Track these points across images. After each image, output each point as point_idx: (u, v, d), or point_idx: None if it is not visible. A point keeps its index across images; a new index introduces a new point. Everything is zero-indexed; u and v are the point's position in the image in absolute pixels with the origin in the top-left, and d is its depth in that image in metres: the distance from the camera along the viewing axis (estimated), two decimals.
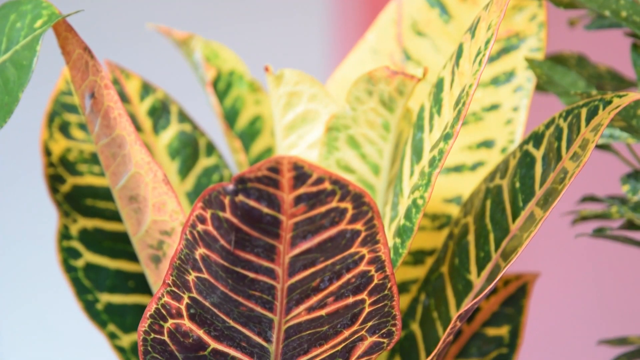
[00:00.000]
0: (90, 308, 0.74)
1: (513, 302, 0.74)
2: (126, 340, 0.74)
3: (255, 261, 0.51)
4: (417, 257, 0.76)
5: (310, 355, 0.56)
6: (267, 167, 0.47)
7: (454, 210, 0.75)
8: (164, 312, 0.55)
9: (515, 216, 0.63)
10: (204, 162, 0.78)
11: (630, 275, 1.46)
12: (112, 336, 0.74)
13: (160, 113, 0.78)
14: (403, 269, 0.76)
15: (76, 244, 0.74)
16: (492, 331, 0.74)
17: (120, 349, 0.74)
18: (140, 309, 0.75)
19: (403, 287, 0.76)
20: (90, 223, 0.75)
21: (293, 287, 0.52)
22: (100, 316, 0.74)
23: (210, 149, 0.79)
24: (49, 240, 0.82)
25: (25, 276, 1.83)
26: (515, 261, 0.60)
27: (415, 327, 0.71)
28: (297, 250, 0.51)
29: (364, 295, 0.55)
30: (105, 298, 0.74)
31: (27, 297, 1.87)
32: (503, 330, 0.73)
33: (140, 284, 0.75)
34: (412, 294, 0.74)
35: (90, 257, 0.75)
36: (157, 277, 0.67)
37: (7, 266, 1.82)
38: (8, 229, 1.80)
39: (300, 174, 0.48)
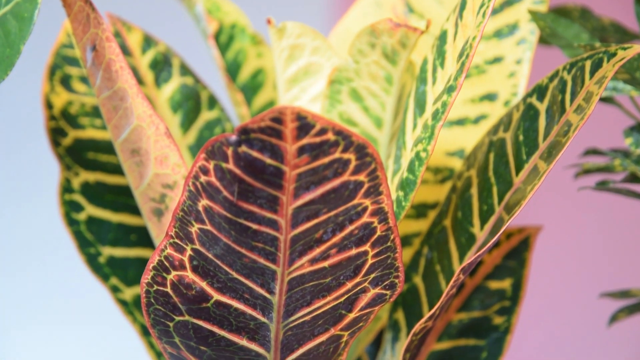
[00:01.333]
0: (92, 261, 0.74)
1: (516, 255, 0.74)
2: (129, 293, 0.74)
3: (258, 212, 0.51)
4: (420, 210, 0.76)
5: (313, 307, 0.56)
6: (270, 117, 0.47)
7: (457, 164, 0.75)
8: (167, 264, 0.55)
9: (518, 169, 0.63)
10: (206, 116, 0.78)
11: (633, 228, 1.46)
12: (114, 289, 0.74)
13: (162, 66, 0.77)
14: (406, 222, 0.76)
15: (78, 198, 0.74)
16: (494, 284, 0.74)
17: (122, 302, 0.74)
18: (142, 262, 0.75)
19: (406, 241, 0.76)
20: (92, 176, 0.75)
21: (296, 238, 0.52)
22: (102, 269, 0.74)
23: (213, 102, 0.78)
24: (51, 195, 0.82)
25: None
26: (518, 214, 0.60)
27: (417, 280, 0.71)
28: (300, 202, 0.50)
29: (367, 247, 0.54)
30: (108, 251, 0.74)
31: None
32: (506, 284, 0.74)
33: (142, 238, 0.75)
34: (414, 247, 0.74)
35: (92, 210, 0.75)
36: (160, 231, 0.67)
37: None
38: (9, 183, 1.80)
39: (304, 124, 0.47)
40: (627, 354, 1.41)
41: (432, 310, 0.61)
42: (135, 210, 0.75)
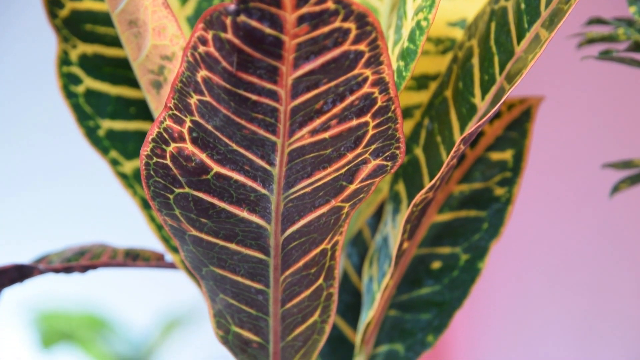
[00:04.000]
0: (91, 134, 0.74)
1: (517, 126, 0.74)
2: (128, 166, 0.74)
3: (258, 83, 0.50)
4: (421, 82, 0.76)
5: (313, 179, 0.56)
6: None
7: (458, 34, 0.74)
8: (166, 136, 0.55)
9: (520, 38, 0.62)
10: None
11: (637, 98, 1.46)
12: (114, 162, 0.74)
13: None
14: (407, 94, 0.75)
15: (76, 70, 0.74)
16: (496, 155, 0.73)
17: (122, 176, 0.74)
18: (142, 135, 0.74)
19: (407, 112, 0.75)
20: (90, 49, 0.74)
21: (296, 109, 0.52)
22: (102, 142, 0.74)
23: None
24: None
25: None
26: (520, 85, 0.60)
27: (418, 151, 0.71)
28: (300, 72, 0.50)
29: (367, 118, 0.54)
30: (107, 124, 0.74)
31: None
32: (507, 155, 0.73)
33: (141, 111, 0.75)
34: (415, 118, 0.74)
35: (90, 83, 0.74)
36: (159, 103, 0.66)
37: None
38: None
39: None
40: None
41: (433, 181, 0.61)
42: (134, 83, 0.74)
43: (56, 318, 2.05)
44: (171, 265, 0.73)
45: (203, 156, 0.55)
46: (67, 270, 0.68)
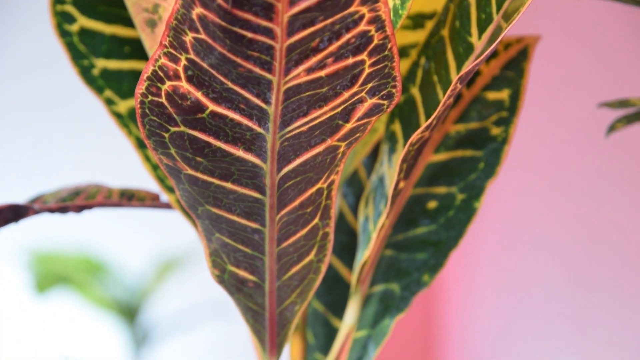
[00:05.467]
0: (86, 73, 0.73)
1: (514, 65, 0.73)
2: (123, 106, 0.74)
3: (254, 20, 0.50)
4: (417, 21, 0.75)
5: (309, 117, 0.56)
6: None
7: None
8: (161, 74, 0.54)
9: None
10: None
11: (633, 36, 1.45)
12: (109, 102, 0.73)
13: None
14: (403, 33, 0.75)
15: (70, 9, 0.73)
16: (492, 95, 0.73)
17: (117, 115, 0.73)
18: (136, 74, 0.74)
19: (403, 52, 0.75)
20: None
21: (292, 47, 0.51)
22: (96, 82, 0.73)
23: None
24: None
25: None
26: (517, 24, 0.59)
27: (415, 91, 0.71)
28: (295, 9, 0.49)
29: (363, 56, 0.54)
30: (101, 63, 0.74)
31: None
32: (504, 94, 0.73)
33: (136, 50, 0.74)
34: (412, 58, 0.73)
35: (84, 21, 0.73)
36: (153, 42, 0.66)
37: None
38: None
39: None
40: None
41: (429, 120, 0.61)
42: (128, 22, 0.74)
43: (51, 261, 2.06)
44: (166, 205, 0.73)
45: (198, 94, 0.55)
46: (62, 210, 0.68)
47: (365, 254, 0.68)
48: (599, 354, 1.45)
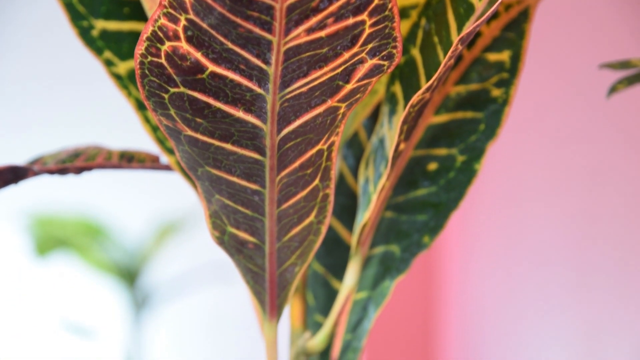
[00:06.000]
0: (85, 35, 0.73)
1: (515, 26, 0.73)
2: (123, 67, 0.73)
3: None
4: None
5: (309, 78, 0.56)
6: None
7: None
8: (161, 35, 0.54)
9: None
10: None
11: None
12: (108, 63, 0.73)
13: None
14: None
15: None
16: (493, 56, 0.73)
17: (117, 76, 0.73)
18: (136, 36, 0.74)
19: (403, 13, 0.75)
20: None
21: (292, 7, 0.51)
22: (95, 43, 0.73)
23: None
24: None
25: None
26: None
27: (415, 52, 0.70)
28: None
29: (364, 16, 0.54)
30: (101, 24, 0.73)
31: None
32: (504, 56, 0.73)
33: (135, 11, 0.74)
34: (412, 19, 0.73)
35: None
36: (153, 3, 0.66)
37: None
38: None
39: None
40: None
41: (430, 82, 0.60)
42: None
43: (51, 224, 2.06)
44: (166, 167, 0.73)
45: (198, 55, 0.55)
46: (62, 171, 0.68)
47: (365, 215, 0.68)
48: (599, 311, 1.45)
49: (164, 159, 0.73)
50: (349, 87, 0.57)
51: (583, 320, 1.47)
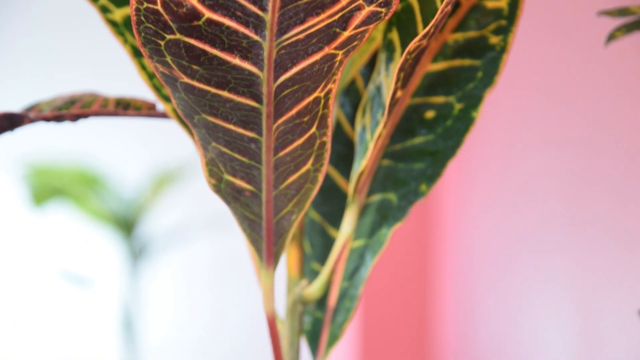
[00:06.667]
0: None
1: None
2: (118, 14, 0.73)
3: None
4: None
5: (306, 25, 0.55)
6: None
7: None
8: None
9: None
10: None
11: None
12: (104, 10, 0.72)
13: None
14: None
15: None
16: (491, 3, 0.72)
17: (112, 23, 0.73)
18: None
19: None
20: None
21: None
22: None
23: None
24: None
25: None
26: None
27: None
28: None
29: None
30: None
31: None
32: (502, 2, 0.72)
33: None
34: None
35: None
36: None
37: None
38: None
39: None
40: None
41: (427, 28, 0.60)
42: None
43: (48, 173, 2.06)
44: (163, 115, 0.73)
45: (194, 1, 0.54)
46: (58, 119, 0.68)
47: (362, 163, 0.68)
48: (594, 255, 1.46)
49: (161, 106, 0.73)
50: (346, 34, 0.57)
51: (578, 264, 1.48)
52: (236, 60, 0.57)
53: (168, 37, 0.56)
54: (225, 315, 2.35)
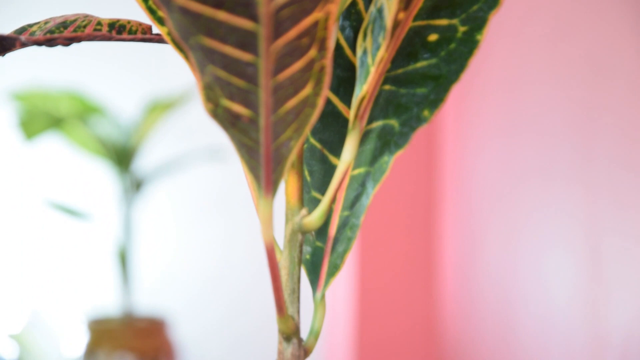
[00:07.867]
0: None
1: None
2: None
3: None
4: None
5: None
6: None
7: None
8: None
9: None
10: None
11: None
12: None
13: None
14: None
15: None
16: None
17: None
18: None
19: None
20: None
21: None
22: None
23: None
24: None
25: None
26: None
27: None
28: None
29: None
30: None
31: None
32: None
33: None
34: None
35: None
36: None
37: None
38: None
39: None
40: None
41: None
42: None
43: (42, 103, 2.03)
44: (158, 38, 0.70)
45: None
46: (50, 42, 0.65)
47: (363, 88, 0.66)
48: (601, 182, 1.45)
49: (155, 30, 0.71)
50: None
51: (585, 193, 1.47)
52: None
53: None
54: (224, 246, 2.34)
